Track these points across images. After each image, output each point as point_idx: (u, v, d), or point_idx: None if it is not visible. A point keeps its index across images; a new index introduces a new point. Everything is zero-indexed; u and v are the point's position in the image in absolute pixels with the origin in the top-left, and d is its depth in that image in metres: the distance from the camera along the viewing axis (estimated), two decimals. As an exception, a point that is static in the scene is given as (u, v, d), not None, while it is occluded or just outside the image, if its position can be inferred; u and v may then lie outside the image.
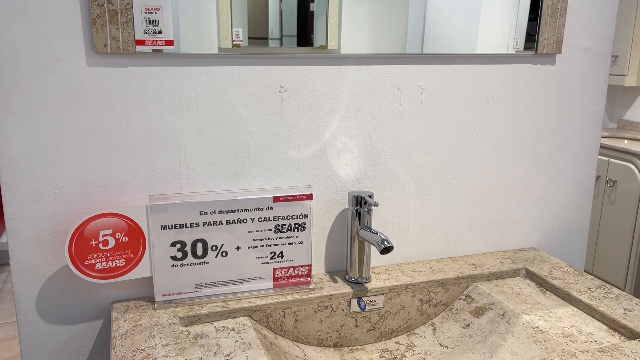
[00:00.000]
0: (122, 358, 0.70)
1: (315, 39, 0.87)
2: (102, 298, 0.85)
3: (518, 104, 1.03)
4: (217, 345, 0.76)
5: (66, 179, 0.79)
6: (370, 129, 0.94)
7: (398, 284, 0.94)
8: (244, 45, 0.84)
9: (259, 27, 0.84)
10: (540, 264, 1.02)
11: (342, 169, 0.94)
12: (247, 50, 0.84)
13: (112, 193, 0.82)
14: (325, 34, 0.87)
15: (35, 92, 0.75)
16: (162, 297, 0.84)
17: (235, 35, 0.83)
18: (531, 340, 0.82)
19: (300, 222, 0.89)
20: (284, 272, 0.90)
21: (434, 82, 0.96)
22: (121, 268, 0.81)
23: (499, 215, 1.07)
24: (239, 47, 0.84)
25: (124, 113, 0.80)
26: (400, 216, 1.00)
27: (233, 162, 0.87)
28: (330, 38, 0.88)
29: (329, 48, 0.88)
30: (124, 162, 0.81)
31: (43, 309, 0.82)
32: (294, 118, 0.89)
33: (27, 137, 0.76)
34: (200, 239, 0.84)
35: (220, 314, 0.83)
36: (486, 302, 0.93)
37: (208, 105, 0.84)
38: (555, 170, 1.09)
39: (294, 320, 0.88)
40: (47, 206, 0.79)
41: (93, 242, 0.78)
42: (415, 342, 0.93)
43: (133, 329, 0.77)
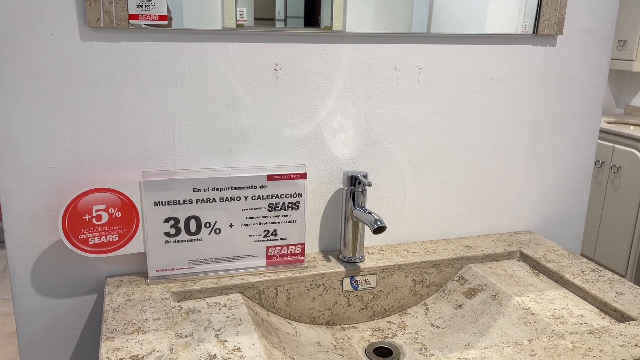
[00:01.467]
0: (112, 331, 0.71)
1: (322, 19, 0.86)
2: (97, 272, 0.85)
3: (517, 86, 1.02)
4: (208, 320, 0.77)
5: (60, 154, 0.79)
6: (366, 109, 0.94)
7: (391, 264, 0.94)
8: (249, 25, 0.83)
9: (265, 7, 0.83)
10: (536, 246, 1.02)
11: (338, 149, 0.94)
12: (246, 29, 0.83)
13: (105, 168, 0.82)
14: (330, 15, 0.86)
15: (29, 67, 0.75)
16: (155, 273, 0.85)
17: (239, 15, 0.82)
18: (521, 322, 0.82)
19: (294, 201, 0.89)
20: (277, 251, 0.90)
21: (432, 62, 0.95)
22: (115, 243, 0.82)
23: (495, 198, 1.07)
24: (243, 27, 0.83)
25: (118, 88, 0.80)
26: (395, 197, 1.00)
27: (227, 140, 0.87)
28: (335, 19, 0.87)
29: (333, 29, 0.88)
30: (117, 138, 0.81)
31: (38, 282, 0.83)
32: (289, 96, 0.89)
33: (20, 111, 0.76)
34: (194, 216, 0.85)
35: (213, 290, 0.84)
36: (479, 283, 0.94)
37: (202, 82, 0.83)
38: (554, 153, 1.08)
39: (287, 298, 0.89)
40: (41, 180, 0.79)
41: (86, 216, 0.79)
42: (407, 321, 0.93)
43: (125, 303, 0.78)
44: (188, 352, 0.69)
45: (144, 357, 0.66)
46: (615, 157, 2.46)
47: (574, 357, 0.68)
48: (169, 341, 0.69)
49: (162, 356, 0.66)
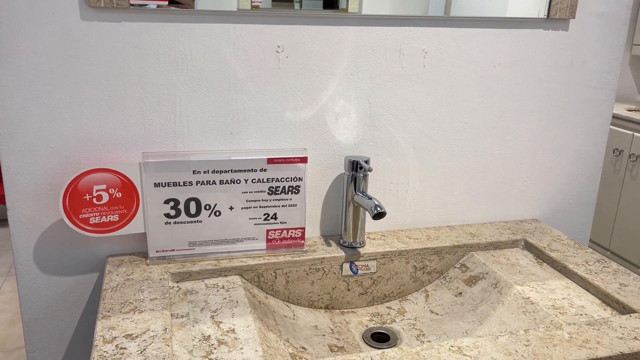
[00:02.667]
0: (109, 310, 0.72)
1: (341, 1, 0.85)
2: (98, 252, 0.87)
3: (527, 71, 0.99)
4: (205, 301, 0.78)
5: (61, 134, 0.80)
6: (370, 93, 0.92)
7: (392, 250, 0.93)
8: (264, 6, 0.82)
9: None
10: (541, 235, 1.01)
11: (340, 133, 0.93)
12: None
13: (106, 149, 0.82)
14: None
15: (31, 46, 0.75)
16: (155, 254, 0.86)
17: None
18: (521, 311, 0.82)
19: (294, 184, 0.88)
20: (277, 234, 0.90)
21: (438, 46, 0.93)
22: (115, 223, 0.83)
23: (501, 185, 1.05)
24: (258, 8, 0.82)
25: (119, 69, 0.80)
26: (398, 182, 0.99)
27: (228, 122, 0.87)
28: (352, 1, 0.86)
29: (349, 11, 0.86)
30: (118, 119, 0.82)
31: (40, 259, 0.84)
32: (291, 79, 0.88)
33: (22, 90, 0.77)
34: (194, 198, 0.85)
35: (212, 272, 0.84)
36: (480, 271, 0.93)
37: (203, 64, 0.83)
38: (564, 141, 1.06)
39: (286, 281, 0.89)
40: (43, 159, 0.80)
41: (87, 196, 0.80)
42: (407, 307, 0.93)
43: (124, 283, 0.79)
44: (182, 332, 0.70)
45: (137, 336, 0.67)
46: (634, 145, 2.41)
47: (569, 349, 0.67)
48: (164, 321, 0.70)
49: (155, 336, 0.67)
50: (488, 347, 0.67)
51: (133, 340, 0.66)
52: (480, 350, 0.66)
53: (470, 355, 0.65)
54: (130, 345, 0.65)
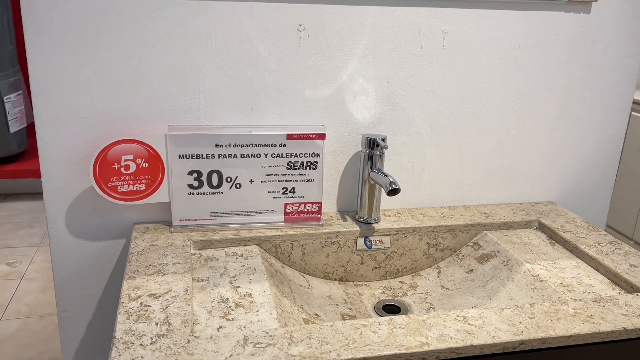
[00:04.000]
0: (135, 272, 0.77)
1: None
2: (125, 219, 0.91)
3: (547, 54, 1.00)
4: (224, 268, 0.82)
5: (92, 106, 0.84)
6: (389, 72, 0.94)
7: (406, 226, 0.96)
8: None
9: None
10: (555, 217, 1.02)
11: (358, 111, 0.96)
12: (266, -13, 0.85)
13: (134, 121, 0.87)
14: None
15: (64, 23, 0.80)
16: (179, 222, 0.90)
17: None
18: (529, 288, 0.84)
19: (312, 160, 0.91)
20: (294, 208, 0.94)
21: (458, 27, 0.94)
22: (141, 192, 0.87)
23: (518, 167, 1.06)
24: None
25: (147, 45, 0.83)
26: (415, 161, 1.01)
27: (250, 98, 0.90)
28: None
29: None
30: (145, 93, 0.86)
31: (72, 225, 0.89)
32: (312, 57, 0.90)
33: (56, 64, 0.81)
34: (216, 170, 0.89)
35: (232, 241, 0.88)
36: (492, 249, 0.95)
37: (227, 41, 0.86)
38: (582, 125, 1.06)
39: (302, 253, 0.93)
40: (75, 130, 0.85)
41: (115, 165, 0.84)
42: (419, 282, 0.96)
43: (149, 248, 0.84)
44: (202, 294, 0.74)
45: (160, 296, 0.71)
46: (663, 134, 2.36)
47: (573, 322, 0.69)
48: (185, 283, 0.75)
49: (177, 296, 0.71)
50: (493, 318, 0.69)
51: (156, 299, 0.70)
52: (485, 321, 0.69)
53: (475, 324, 0.68)
54: (154, 304, 0.69)
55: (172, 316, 0.67)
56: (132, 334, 0.63)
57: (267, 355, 0.61)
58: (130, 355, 0.60)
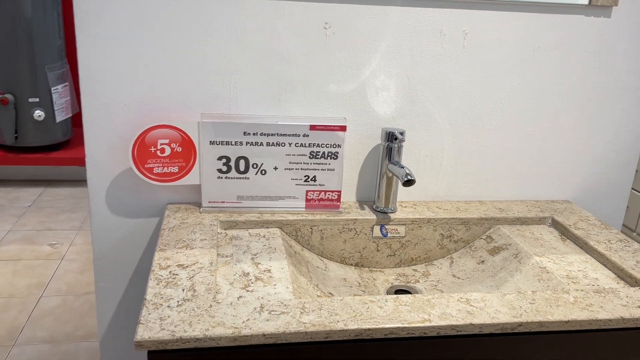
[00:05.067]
0: (166, 245, 0.84)
1: None
2: (159, 199, 0.99)
3: (567, 56, 1.03)
4: (247, 246, 0.88)
5: (133, 93, 0.92)
6: (410, 70, 0.99)
7: (421, 217, 1.00)
8: None
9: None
10: (569, 215, 1.05)
11: (379, 106, 1.01)
12: (296, -13, 0.91)
13: (171, 108, 0.94)
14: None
15: (112, 17, 0.88)
16: (208, 204, 0.97)
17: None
18: (536, 279, 0.87)
19: (333, 150, 0.97)
20: (315, 195, 0.99)
21: (479, 28, 0.99)
22: (175, 174, 0.94)
23: (535, 166, 1.09)
24: None
25: (185, 38, 0.91)
26: (433, 156, 1.05)
27: (277, 91, 0.97)
28: None
29: None
30: (183, 82, 0.93)
31: (111, 202, 0.97)
32: (336, 54, 0.96)
33: (102, 54, 0.89)
34: (243, 157, 0.95)
35: (255, 223, 0.95)
36: (504, 242, 0.98)
37: (258, 37, 0.93)
38: (601, 126, 1.08)
39: (320, 237, 0.98)
40: (117, 115, 0.93)
41: (152, 149, 0.92)
42: (431, 271, 1.00)
43: (179, 225, 0.91)
44: (226, 268, 0.81)
45: (187, 267, 0.78)
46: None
47: (571, 309, 0.73)
48: (210, 257, 0.81)
49: (202, 267, 0.78)
50: (494, 302, 0.74)
51: (184, 269, 0.77)
52: (487, 303, 0.73)
53: (476, 306, 0.72)
54: (181, 273, 0.76)
55: (197, 284, 0.74)
56: (160, 297, 0.70)
57: (281, 321, 0.67)
58: (159, 315, 0.67)
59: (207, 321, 0.66)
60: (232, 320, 0.66)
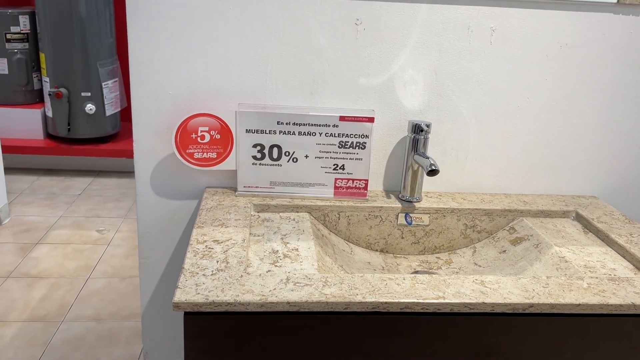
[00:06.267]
0: (204, 223, 0.91)
1: None
2: (199, 183, 1.07)
3: (595, 53, 1.04)
4: (278, 227, 0.95)
5: (177, 83, 1.00)
6: (437, 65, 1.03)
7: (445, 207, 1.04)
8: None
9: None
10: (594, 209, 1.06)
11: (407, 99, 1.05)
12: (329, -14, 0.97)
13: (211, 98, 1.01)
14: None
15: (158, 11, 0.95)
16: (243, 188, 1.04)
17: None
18: (554, 267, 0.90)
19: (361, 141, 1.02)
20: (344, 183, 1.05)
21: (506, 25, 1.02)
22: (213, 159, 1.02)
23: (561, 161, 1.11)
24: None
25: (226, 34, 0.98)
26: (459, 149, 1.09)
27: (310, 83, 1.03)
28: None
29: None
30: (222, 74, 1.00)
31: (155, 184, 1.06)
32: (367, 49, 1.01)
33: (150, 47, 0.97)
34: (276, 145, 1.02)
35: (286, 207, 1.01)
36: (526, 233, 1.01)
37: (292, 32, 0.99)
38: (628, 124, 1.10)
39: (347, 223, 1.04)
40: (162, 103, 1.01)
41: (193, 135, 0.99)
42: (454, 259, 1.04)
43: (216, 206, 0.98)
44: (257, 245, 0.88)
45: (222, 242, 0.85)
46: None
47: (583, 294, 0.76)
48: (243, 235, 0.88)
49: (236, 243, 0.85)
50: (509, 284, 0.77)
51: (219, 244, 0.84)
52: (501, 285, 0.77)
53: (490, 287, 0.76)
54: (216, 247, 0.83)
55: (230, 257, 0.81)
56: (197, 266, 0.77)
57: (304, 292, 0.73)
58: (195, 282, 0.74)
59: (238, 289, 0.72)
60: (260, 289, 0.73)
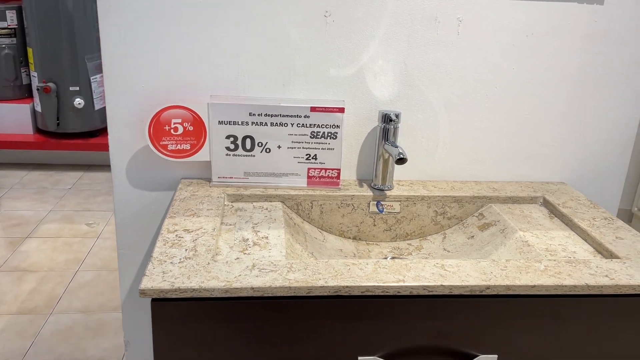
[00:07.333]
0: (176, 212, 0.94)
1: None
2: (174, 174, 1.09)
3: (560, 42, 1.07)
4: (250, 216, 0.97)
5: (150, 76, 1.02)
6: (406, 55, 1.05)
7: (415, 194, 1.07)
8: None
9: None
10: (561, 195, 1.09)
11: (377, 90, 1.07)
12: (297, -21, 0.98)
13: (183, 90, 1.03)
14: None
15: (131, 6, 0.97)
16: (217, 179, 1.06)
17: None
18: (517, 251, 0.93)
19: (332, 131, 1.04)
20: (316, 172, 1.07)
21: (472, 15, 1.04)
22: (187, 151, 1.04)
23: (530, 148, 1.14)
24: None
25: (196, 27, 0.99)
26: (429, 138, 1.11)
27: (281, 75, 1.04)
28: None
29: None
30: (194, 67, 1.02)
31: (131, 176, 1.08)
32: (336, 40, 1.03)
33: (123, 41, 0.99)
34: (249, 136, 1.04)
35: (259, 197, 1.03)
36: (493, 219, 1.04)
37: (263, 25, 1.01)
38: (595, 111, 1.12)
39: (320, 211, 1.06)
40: (136, 96, 1.02)
41: (166, 127, 1.01)
42: (424, 245, 1.07)
43: (190, 197, 1.00)
44: (228, 234, 0.90)
45: (192, 231, 0.87)
46: None
47: (540, 276, 0.78)
48: (214, 224, 0.90)
49: (206, 232, 0.87)
50: (468, 268, 0.80)
51: (189, 233, 0.87)
52: (460, 268, 0.79)
53: (450, 271, 0.79)
54: (186, 236, 0.86)
55: (199, 246, 0.83)
56: (165, 255, 0.80)
57: (268, 278, 0.75)
58: (162, 269, 0.76)
59: (204, 275, 0.75)
60: (226, 276, 0.75)
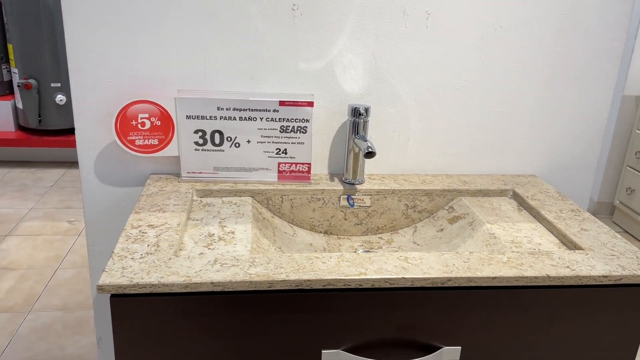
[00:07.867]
0: (141, 208, 0.93)
1: None
2: (143, 170, 1.08)
3: (528, 35, 1.07)
4: (218, 212, 0.96)
5: (116, 71, 1.01)
6: (375, 49, 1.05)
7: (386, 188, 1.07)
8: None
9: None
10: (530, 187, 1.09)
11: (347, 83, 1.07)
12: (264, -28, 0.98)
13: (150, 85, 1.02)
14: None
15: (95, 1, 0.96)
16: (186, 174, 1.05)
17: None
18: (484, 244, 0.93)
19: (302, 125, 1.04)
20: (287, 167, 1.07)
21: (441, 8, 1.04)
22: (155, 146, 1.03)
23: (501, 141, 1.14)
24: None
25: (163, 20, 0.99)
26: (400, 131, 1.11)
27: (250, 69, 1.04)
28: None
29: None
30: (161, 61, 1.01)
31: (99, 173, 1.07)
32: (305, 34, 1.03)
33: (88, 35, 0.98)
34: (218, 130, 1.03)
35: (229, 192, 1.03)
36: (463, 212, 1.04)
37: (230, 18, 1.00)
38: (565, 103, 1.12)
39: (291, 206, 1.06)
40: (102, 91, 1.01)
41: (134, 122, 1.00)
42: (395, 239, 1.07)
43: (157, 192, 1.00)
44: (194, 230, 0.89)
45: (156, 227, 0.87)
46: None
47: (502, 268, 0.79)
48: (179, 220, 0.90)
49: (170, 227, 0.87)
50: (431, 260, 0.80)
51: (153, 229, 0.86)
52: (423, 261, 0.80)
53: (413, 263, 0.79)
54: (150, 232, 0.85)
55: (162, 241, 0.82)
56: (127, 250, 0.79)
57: (229, 272, 0.75)
58: (122, 265, 0.75)
59: (164, 271, 0.74)
60: (186, 271, 0.75)
